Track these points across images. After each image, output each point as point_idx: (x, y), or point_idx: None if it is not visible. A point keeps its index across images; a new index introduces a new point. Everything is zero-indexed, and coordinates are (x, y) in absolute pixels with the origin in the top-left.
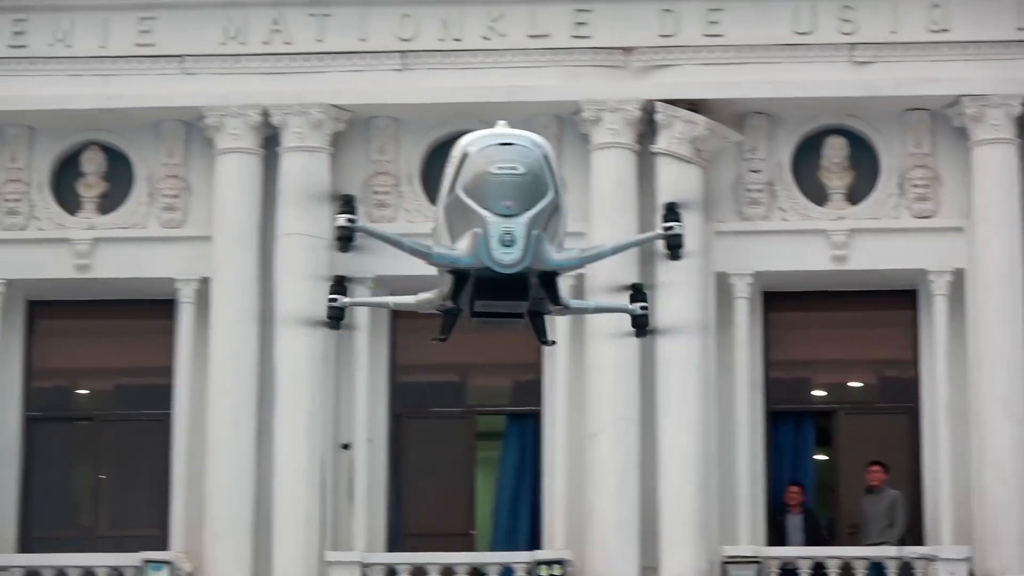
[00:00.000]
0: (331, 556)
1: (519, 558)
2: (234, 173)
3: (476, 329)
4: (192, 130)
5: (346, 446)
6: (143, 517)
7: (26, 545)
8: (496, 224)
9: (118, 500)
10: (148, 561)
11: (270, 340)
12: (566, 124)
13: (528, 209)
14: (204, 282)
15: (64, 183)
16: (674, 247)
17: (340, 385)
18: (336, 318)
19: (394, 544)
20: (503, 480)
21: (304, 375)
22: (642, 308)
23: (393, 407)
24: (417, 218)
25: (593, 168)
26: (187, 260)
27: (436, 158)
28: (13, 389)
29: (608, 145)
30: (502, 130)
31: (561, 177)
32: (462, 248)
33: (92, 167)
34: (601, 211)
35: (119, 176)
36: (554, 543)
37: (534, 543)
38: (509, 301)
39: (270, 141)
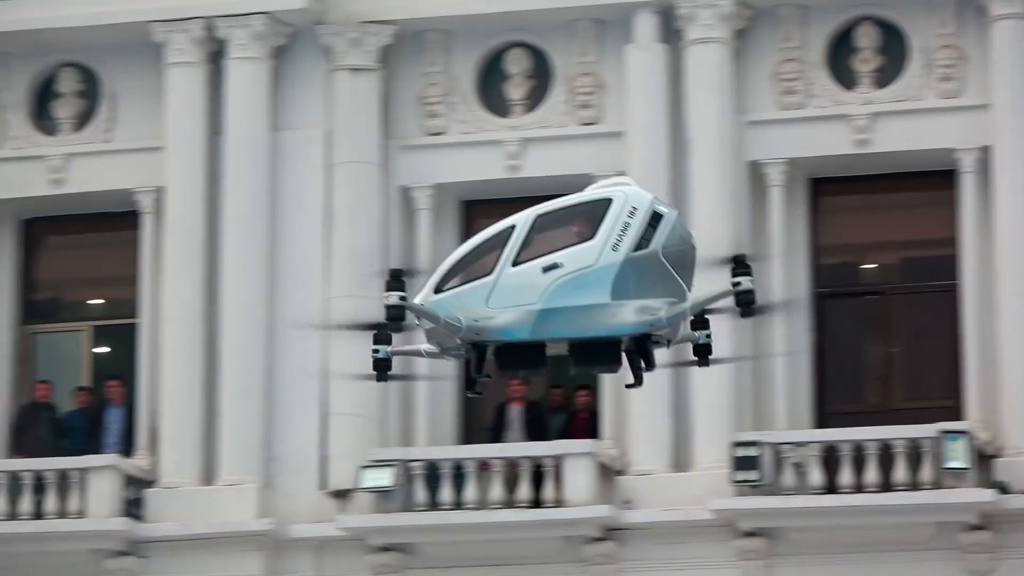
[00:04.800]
0: None
1: None
2: (1007, 41)
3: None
4: None
5: None
6: (936, 389)
7: (821, 420)
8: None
9: (910, 373)
10: (945, 432)
11: None
12: None
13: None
14: (984, 151)
15: (839, 58)
16: (745, 304)
17: None
18: (384, 368)
19: None
20: None
21: None
22: (744, 283)
23: None
24: None
25: None
26: (965, 130)
27: None
28: (800, 268)
29: None
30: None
31: None
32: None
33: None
34: None
35: (893, 49)
36: None
37: None
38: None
39: None
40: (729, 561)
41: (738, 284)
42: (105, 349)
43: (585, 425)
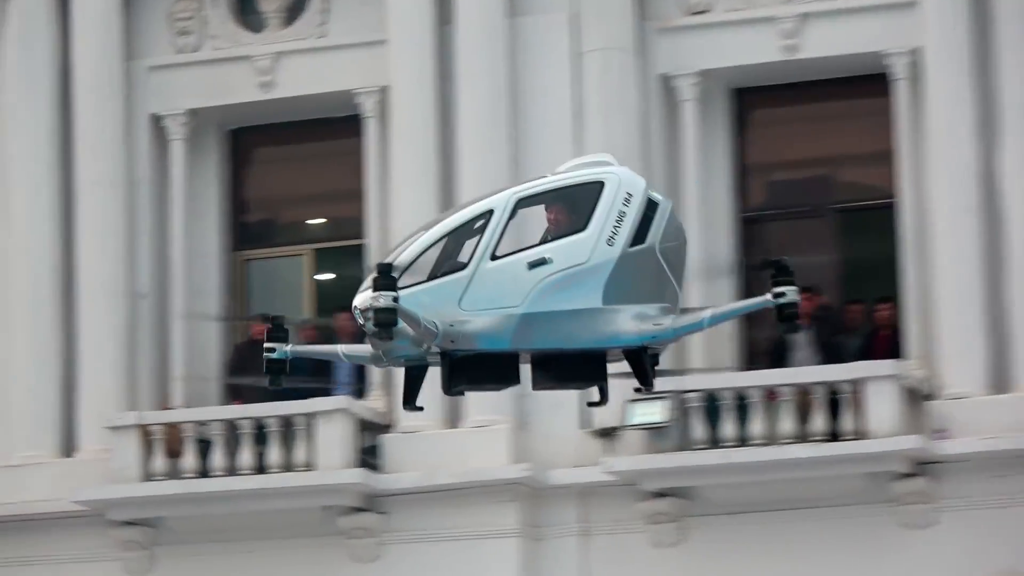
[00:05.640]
0: None
1: None
2: None
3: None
4: None
5: None
6: None
7: None
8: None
9: None
10: None
11: None
12: None
13: None
14: None
15: None
16: (788, 319)
17: None
18: (277, 371)
19: None
20: None
21: None
22: (789, 295)
23: None
24: None
25: None
26: None
27: None
28: None
29: None
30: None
31: None
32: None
33: None
34: None
35: None
36: None
37: None
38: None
39: None
40: None
41: (781, 295)
42: (329, 275)
43: (887, 343)
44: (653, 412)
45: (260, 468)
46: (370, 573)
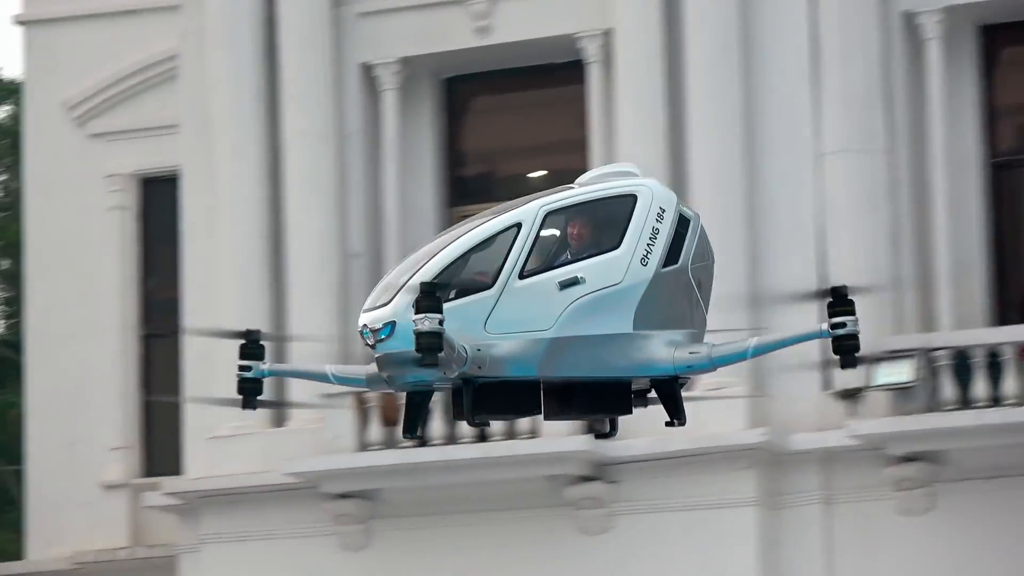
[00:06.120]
0: None
1: None
2: None
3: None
4: None
5: None
6: None
7: None
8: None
9: None
10: None
11: None
12: None
13: None
14: None
15: None
16: (847, 352)
17: None
18: (252, 392)
19: None
20: None
21: None
22: (849, 326)
23: None
24: None
25: None
26: None
27: None
28: None
29: None
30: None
31: None
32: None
33: None
34: None
35: None
36: None
37: None
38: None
39: None
40: None
41: (840, 326)
42: (552, 232)
43: None
44: (900, 372)
45: (481, 436)
46: (599, 546)
